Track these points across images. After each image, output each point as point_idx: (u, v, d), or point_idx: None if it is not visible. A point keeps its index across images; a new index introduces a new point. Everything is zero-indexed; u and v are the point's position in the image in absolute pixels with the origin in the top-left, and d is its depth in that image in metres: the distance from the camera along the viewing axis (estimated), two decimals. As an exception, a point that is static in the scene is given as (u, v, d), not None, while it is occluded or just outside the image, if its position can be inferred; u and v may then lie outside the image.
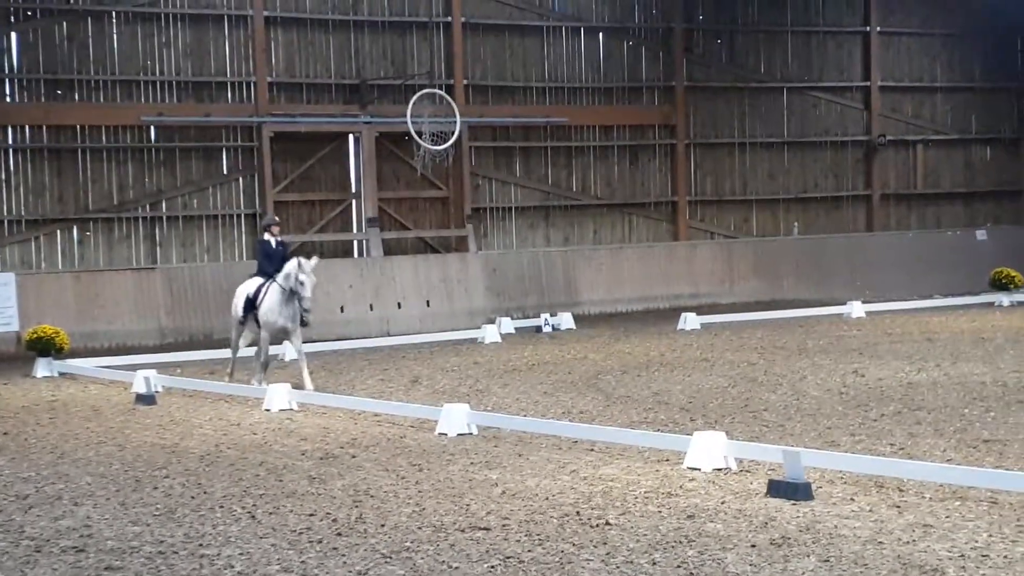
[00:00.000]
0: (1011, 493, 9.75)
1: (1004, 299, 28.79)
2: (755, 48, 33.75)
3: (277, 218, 19.74)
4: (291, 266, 17.85)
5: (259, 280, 18.43)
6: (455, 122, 28.06)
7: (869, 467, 10.71)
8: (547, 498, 10.44)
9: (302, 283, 17.66)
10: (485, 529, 9.46)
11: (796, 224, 34.14)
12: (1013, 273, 29.82)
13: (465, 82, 30.06)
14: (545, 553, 8.75)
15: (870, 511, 9.60)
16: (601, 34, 31.91)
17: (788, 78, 34.07)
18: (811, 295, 30.70)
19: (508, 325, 26.05)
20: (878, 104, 34.97)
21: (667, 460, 11.77)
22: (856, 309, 27.16)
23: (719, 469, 11.24)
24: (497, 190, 30.96)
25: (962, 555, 8.30)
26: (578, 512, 9.89)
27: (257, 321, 18.28)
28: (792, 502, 9.89)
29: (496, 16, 30.69)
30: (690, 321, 25.74)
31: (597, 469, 11.62)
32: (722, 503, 10.04)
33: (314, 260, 17.93)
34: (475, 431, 13.82)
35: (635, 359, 20.70)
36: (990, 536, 8.73)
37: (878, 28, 34.87)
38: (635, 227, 32.72)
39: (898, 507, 9.70)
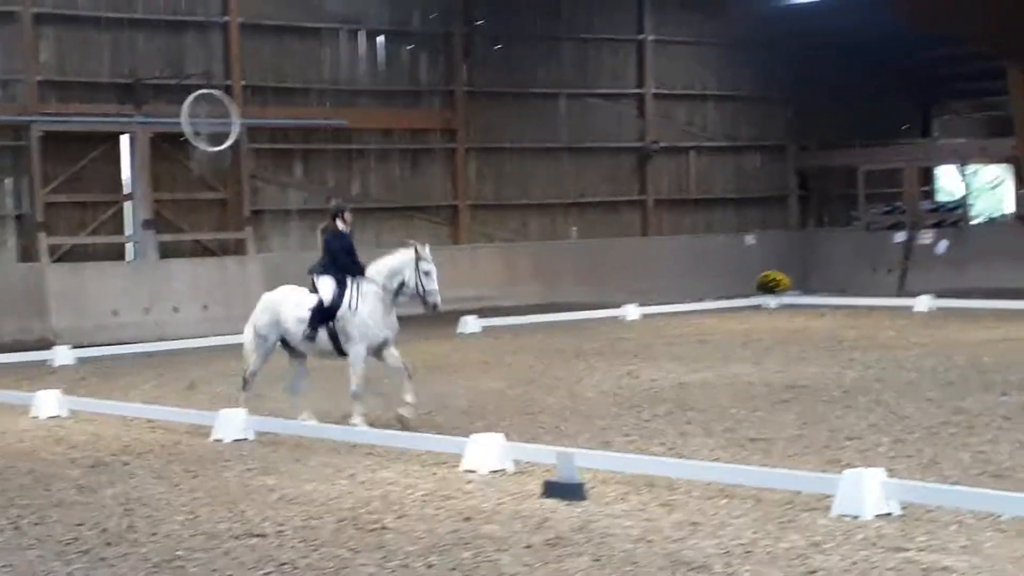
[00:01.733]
0: (776, 490, 10.06)
1: (771, 302, 29.72)
2: (533, 54, 34.14)
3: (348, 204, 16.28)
4: (405, 257, 14.55)
5: (331, 283, 14.58)
6: (233, 123, 27.66)
7: (641, 467, 10.96)
8: (324, 503, 10.39)
9: (428, 273, 14.51)
10: (260, 536, 9.36)
11: (574, 228, 34.67)
12: (779, 276, 30.83)
13: (243, 83, 29.67)
14: (321, 559, 8.71)
15: (641, 510, 9.81)
16: (381, 37, 31.87)
17: (565, 84, 34.57)
18: (589, 298, 31.19)
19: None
20: (652, 111, 35.77)
21: (445, 463, 11.82)
22: (632, 312, 27.71)
23: (496, 471, 11.34)
24: (277, 193, 30.65)
25: (728, 551, 8.55)
26: (355, 517, 9.86)
27: (334, 337, 14.53)
28: (566, 502, 10.04)
29: (275, 17, 30.38)
30: (471, 324, 25.90)
31: (375, 473, 11.61)
32: (498, 505, 10.14)
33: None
34: (252, 436, 13.66)
35: (415, 362, 20.68)
36: (755, 533, 9.00)
37: (652, 36, 35.66)
38: (416, 230, 32.71)
39: (668, 505, 9.93)
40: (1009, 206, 41.97)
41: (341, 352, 14.62)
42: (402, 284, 14.55)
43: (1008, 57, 33.34)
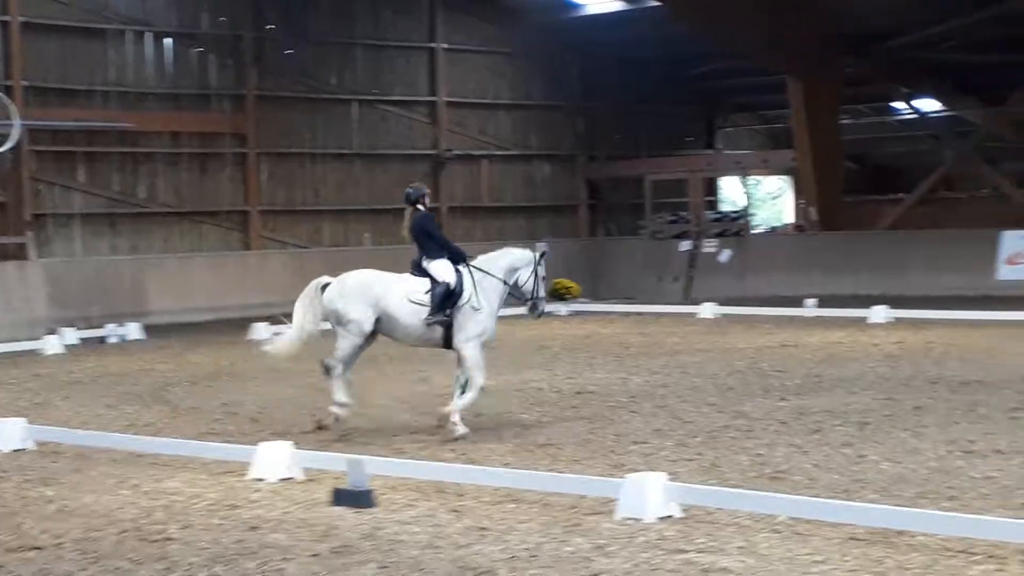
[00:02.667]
0: (562, 495, 10.21)
1: (562, 308, 30.12)
2: (325, 59, 33.97)
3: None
4: (525, 256, 14.42)
5: (449, 267, 14.03)
6: (13, 125, 26.83)
7: (430, 473, 11.00)
8: (105, 515, 10.15)
9: (544, 278, 14.51)
10: (37, 548, 9.11)
11: (367, 235, 34.57)
12: (570, 284, 31.25)
13: (25, 83, 28.77)
14: (100, 571, 8.52)
15: (430, 516, 9.85)
16: (169, 40, 31.30)
17: (358, 90, 34.47)
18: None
19: (72, 336, 25.10)
20: (445, 119, 35.91)
21: (233, 472, 11.67)
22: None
23: (285, 479, 11.25)
24: (59, 196, 29.81)
25: (514, 556, 8.64)
26: (138, 528, 9.67)
27: (448, 327, 13.87)
28: (355, 510, 10.02)
29: (58, 17, 29.56)
30: (262, 331, 25.54)
31: (160, 483, 11.40)
32: (286, 513, 10.06)
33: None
34: (32, 447, 13.27)
35: (205, 370, 20.42)
36: (541, 537, 9.12)
37: (444, 45, 35.80)
38: (206, 236, 32.28)
39: (457, 511, 9.99)
40: (789, 216, 43.41)
41: (446, 344, 14.03)
42: (516, 283, 14.33)
43: (788, 71, 34.47)
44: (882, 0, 32.16)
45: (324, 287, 14.34)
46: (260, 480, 11.25)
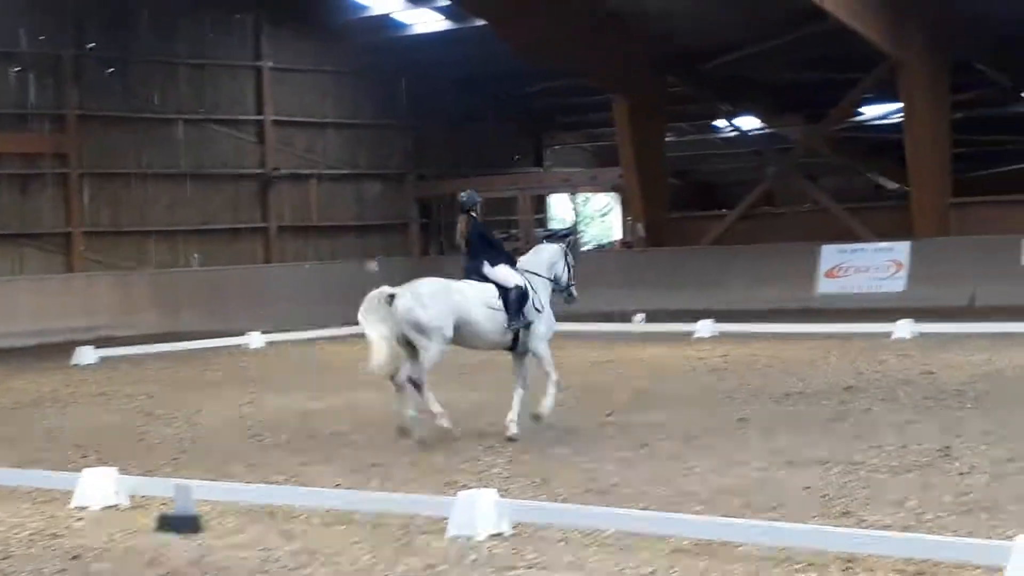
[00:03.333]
0: (393, 515, 10.20)
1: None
2: (149, 78, 33.47)
3: None
4: (556, 250, 14.76)
5: (512, 273, 14.23)
6: None
7: (259, 496, 10.88)
8: (-78, 549, 9.84)
9: (574, 266, 14.94)
10: None
11: (196, 256, 34.12)
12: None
13: None
14: (-83, 608, 8.26)
15: (259, 540, 9.75)
16: (-15, 58, 30.58)
17: (183, 109, 34.04)
18: (212, 326, 30.71)
19: None
20: (272, 138, 35.66)
21: (56, 500, 11.40)
22: (255, 340, 27.44)
23: (110, 506, 11.03)
24: None
25: (345, 577, 8.62)
26: (-45, 561, 9.39)
27: (518, 334, 14.14)
28: (182, 536, 9.87)
29: None
30: (86, 355, 25.02)
31: (-21, 514, 11.08)
32: (110, 542, 9.86)
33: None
34: None
35: (27, 396, 19.91)
36: (372, 558, 9.10)
37: (270, 64, 35.56)
38: (27, 259, 31.51)
39: (287, 535, 9.91)
40: (617, 233, 44.03)
41: (512, 347, 14.29)
42: (555, 278, 14.66)
43: (613, 90, 35.01)
44: (703, 20, 32.86)
45: (390, 297, 14.04)
46: (84, 508, 11.01)
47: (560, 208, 43.10)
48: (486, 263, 14.28)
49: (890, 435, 13.00)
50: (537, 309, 14.29)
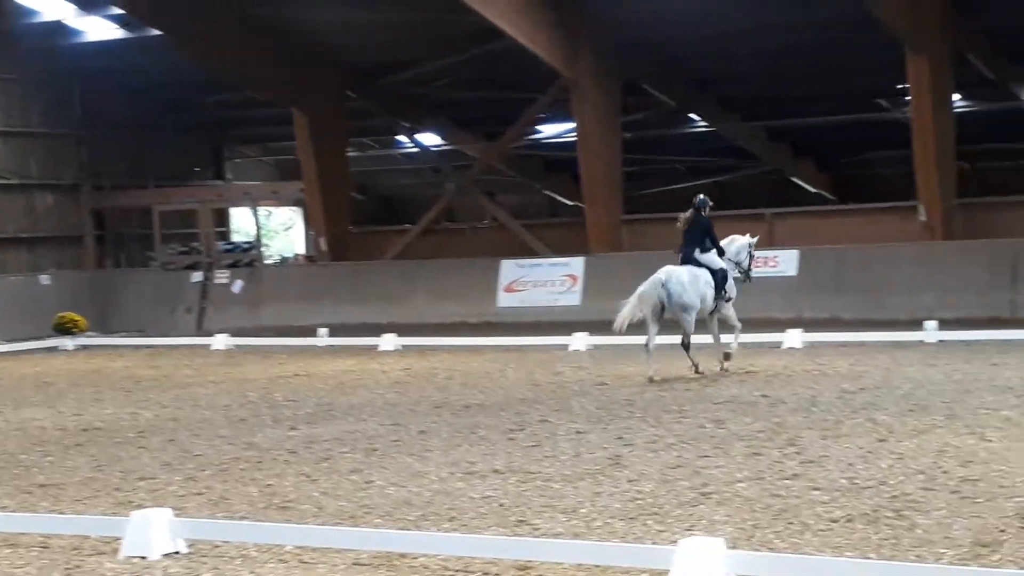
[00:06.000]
0: (63, 536, 9.89)
1: (69, 343, 29.12)
2: None
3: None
4: (744, 243, 19.85)
5: (718, 259, 19.24)
6: None
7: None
8: None
9: (755, 256, 20.37)
10: None
11: None
12: (76, 317, 30.25)
13: None
14: None
15: (-81, 568, 9.30)
16: None
17: None
18: None
19: None
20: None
21: None
22: (-86, 358, 26.13)
23: None
24: None
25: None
26: None
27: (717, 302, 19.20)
28: None
29: None
30: None
31: None
32: None
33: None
34: None
35: None
36: (40, 581, 8.81)
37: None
38: None
39: (-50, 561, 9.49)
40: (300, 247, 43.81)
41: (711, 313, 19.32)
42: (738, 264, 19.69)
43: (293, 104, 34.85)
44: (381, 37, 33.07)
45: (664, 283, 18.69)
46: None
47: (243, 221, 42.57)
48: (698, 250, 19.15)
49: (565, 444, 13.39)
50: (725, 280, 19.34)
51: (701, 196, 19.64)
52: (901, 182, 31.24)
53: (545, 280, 31.64)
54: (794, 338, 23.14)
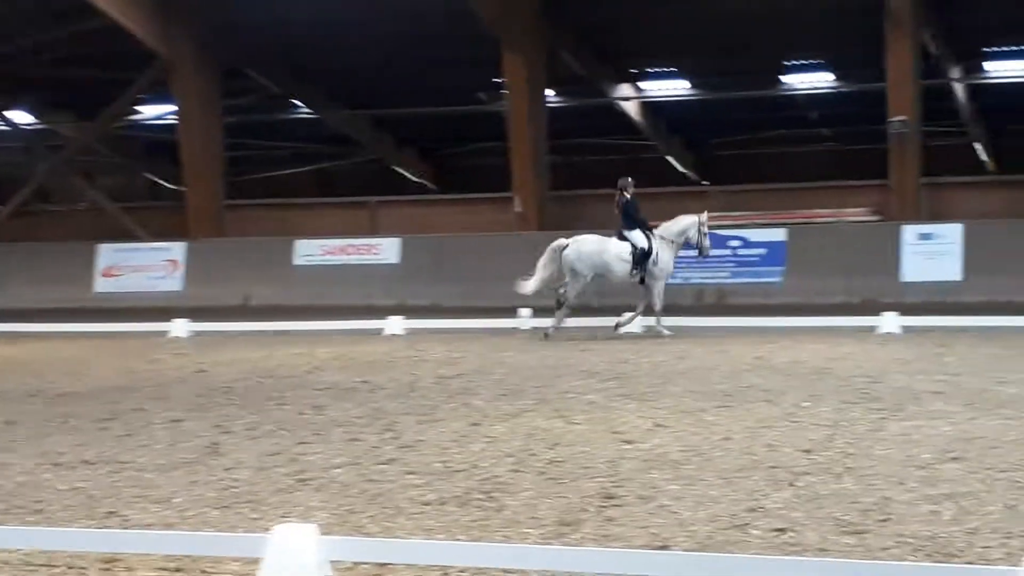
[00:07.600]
0: None
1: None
2: None
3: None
4: (691, 220, 21.62)
5: (642, 235, 21.30)
6: None
7: None
8: None
9: (706, 233, 21.71)
10: None
11: None
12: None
13: None
14: None
15: None
16: None
17: None
18: None
19: None
20: None
21: None
22: None
23: None
24: None
25: None
26: None
27: (646, 272, 21.36)
28: None
29: None
30: None
31: None
32: None
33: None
34: None
35: None
36: None
37: None
38: None
39: None
40: None
41: (642, 282, 21.49)
42: (686, 240, 21.57)
43: None
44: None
45: (563, 248, 21.39)
46: None
47: None
48: (625, 228, 21.32)
49: (160, 433, 13.14)
50: (654, 262, 21.30)
51: (623, 179, 21.72)
52: (499, 173, 32.24)
53: (145, 265, 30.95)
54: (395, 325, 23.52)
